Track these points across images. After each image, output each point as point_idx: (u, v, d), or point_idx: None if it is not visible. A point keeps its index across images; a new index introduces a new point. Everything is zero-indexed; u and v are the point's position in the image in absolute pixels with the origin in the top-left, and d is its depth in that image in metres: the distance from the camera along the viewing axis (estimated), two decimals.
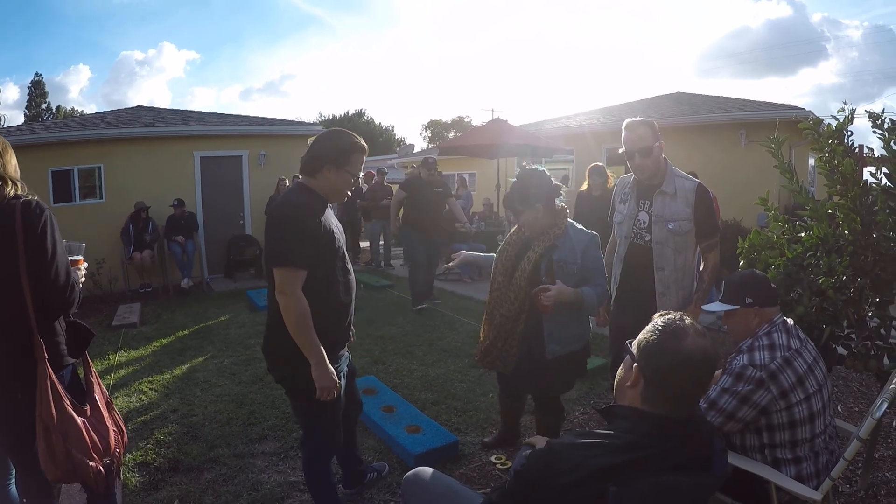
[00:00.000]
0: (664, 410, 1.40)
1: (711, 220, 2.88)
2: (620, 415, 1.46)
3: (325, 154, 2.30)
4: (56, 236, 1.98)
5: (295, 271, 2.16)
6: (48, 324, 2.03)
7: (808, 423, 2.09)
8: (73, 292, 2.02)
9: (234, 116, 11.89)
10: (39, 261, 1.93)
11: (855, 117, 2.84)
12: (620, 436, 1.38)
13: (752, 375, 2.10)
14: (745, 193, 8.05)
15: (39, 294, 1.95)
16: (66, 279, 1.99)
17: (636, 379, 1.43)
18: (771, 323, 2.25)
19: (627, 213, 2.99)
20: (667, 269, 2.87)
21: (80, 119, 13.02)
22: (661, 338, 1.42)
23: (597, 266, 2.78)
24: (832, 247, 2.76)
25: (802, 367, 2.12)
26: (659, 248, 2.86)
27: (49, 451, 1.95)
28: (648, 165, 2.82)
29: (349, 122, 44.67)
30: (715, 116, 10.12)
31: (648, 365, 1.42)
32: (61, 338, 2.09)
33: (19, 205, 1.94)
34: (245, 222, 10.54)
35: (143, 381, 4.76)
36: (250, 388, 4.52)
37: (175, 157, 9.85)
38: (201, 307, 7.85)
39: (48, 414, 1.95)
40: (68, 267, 2.03)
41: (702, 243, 2.89)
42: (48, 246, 1.94)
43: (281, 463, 3.35)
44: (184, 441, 3.63)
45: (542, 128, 13.02)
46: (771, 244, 2.95)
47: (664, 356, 1.40)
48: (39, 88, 42.72)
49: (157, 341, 6.10)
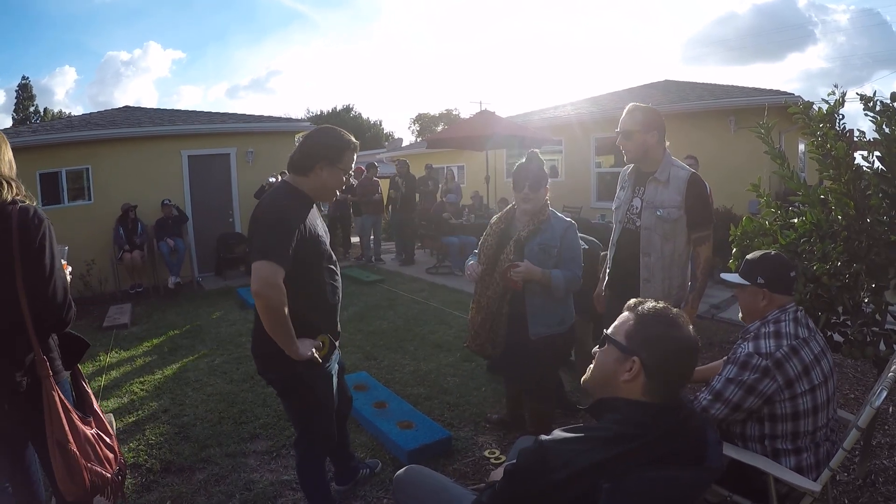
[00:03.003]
0: (660, 399, 1.37)
1: (703, 210, 2.83)
2: (610, 407, 1.42)
3: (318, 151, 2.26)
4: (54, 250, 1.86)
5: (276, 267, 2.08)
6: (44, 339, 1.92)
7: (811, 414, 2.05)
8: (69, 311, 1.92)
9: (221, 114, 11.77)
10: (36, 276, 1.81)
11: (845, 101, 2.82)
12: (609, 427, 1.35)
13: (757, 364, 2.03)
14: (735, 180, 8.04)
15: (34, 310, 1.83)
16: (64, 297, 1.88)
17: (636, 372, 1.38)
18: (782, 310, 2.17)
19: (624, 199, 3.02)
20: (652, 256, 2.86)
21: (66, 121, 12.86)
22: (663, 327, 1.39)
23: (571, 254, 2.96)
24: (826, 232, 2.73)
25: (809, 357, 2.06)
26: (647, 234, 2.86)
27: (68, 471, 1.85)
28: (630, 148, 2.88)
29: (337, 117, 44.41)
30: (704, 104, 10.04)
31: (653, 356, 1.37)
32: (55, 352, 1.97)
33: (16, 211, 1.80)
34: (234, 220, 10.46)
35: (135, 382, 4.71)
36: (241, 387, 4.48)
37: (163, 156, 9.74)
38: (192, 306, 7.79)
39: (61, 432, 1.84)
40: (65, 283, 1.91)
41: (692, 234, 2.86)
42: (46, 261, 1.82)
43: (273, 462, 3.31)
44: (175, 441, 3.59)
45: (530, 119, 12.95)
46: (764, 231, 2.93)
47: (669, 346, 1.37)
48: (27, 91, 42.20)
49: (148, 341, 6.04)
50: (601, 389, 1.47)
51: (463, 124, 11.95)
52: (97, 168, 9.27)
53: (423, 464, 3.03)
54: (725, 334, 5.49)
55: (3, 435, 1.96)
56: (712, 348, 5.07)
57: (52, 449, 1.83)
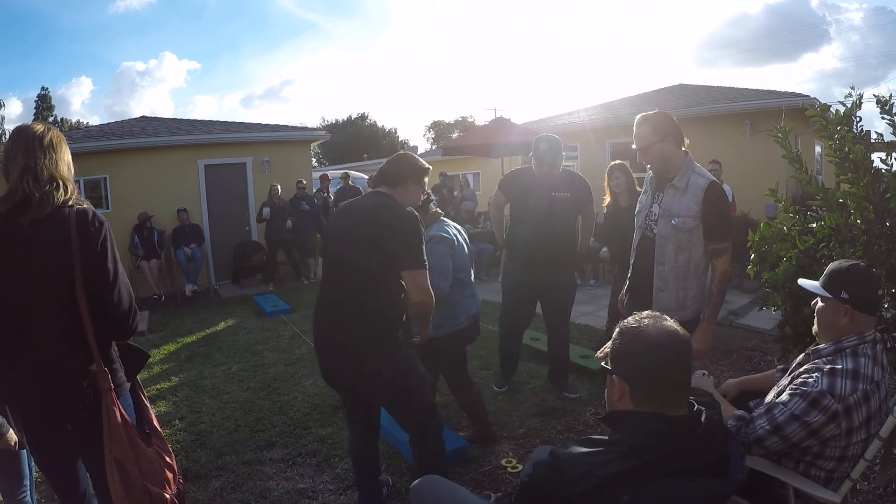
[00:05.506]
0: (660, 408, 1.36)
1: (720, 221, 2.68)
2: (621, 419, 1.42)
3: (408, 171, 2.63)
4: (116, 254, 1.77)
5: (427, 273, 2.43)
6: (106, 350, 1.82)
7: (856, 459, 1.93)
8: (136, 318, 1.83)
9: (236, 124, 11.91)
10: (100, 282, 1.72)
11: (862, 102, 2.78)
12: (625, 440, 1.33)
13: (828, 405, 1.83)
14: (751, 185, 7.96)
15: (98, 318, 1.74)
16: (130, 304, 1.80)
17: (620, 389, 1.41)
18: (861, 338, 1.94)
19: (645, 203, 2.96)
20: (667, 265, 2.78)
21: (84, 131, 13.08)
22: (624, 339, 1.43)
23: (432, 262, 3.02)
24: (845, 237, 2.69)
25: (875, 405, 1.89)
26: (661, 242, 2.79)
27: (127, 490, 1.75)
28: (650, 160, 2.80)
29: (352, 125, 44.58)
30: (718, 107, 9.94)
31: (624, 368, 1.41)
32: (118, 363, 1.87)
33: (73, 214, 1.72)
34: (251, 229, 10.55)
35: (152, 389, 4.74)
36: (258, 395, 4.50)
37: (179, 165, 9.89)
38: (209, 314, 7.86)
39: (121, 449, 1.75)
40: (130, 289, 1.82)
41: (709, 245, 2.72)
42: (109, 265, 1.73)
43: (289, 470, 3.31)
44: (192, 449, 3.62)
45: (545, 125, 12.91)
46: (782, 236, 2.89)
47: (634, 353, 1.40)
48: (46, 102, 43.01)
49: (165, 348, 6.12)
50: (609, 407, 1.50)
51: (477, 131, 11.96)
52: (115, 177, 9.43)
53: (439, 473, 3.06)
54: (744, 341, 5.40)
55: (57, 451, 1.88)
56: (731, 355, 5.00)
57: (109, 467, 1.74)
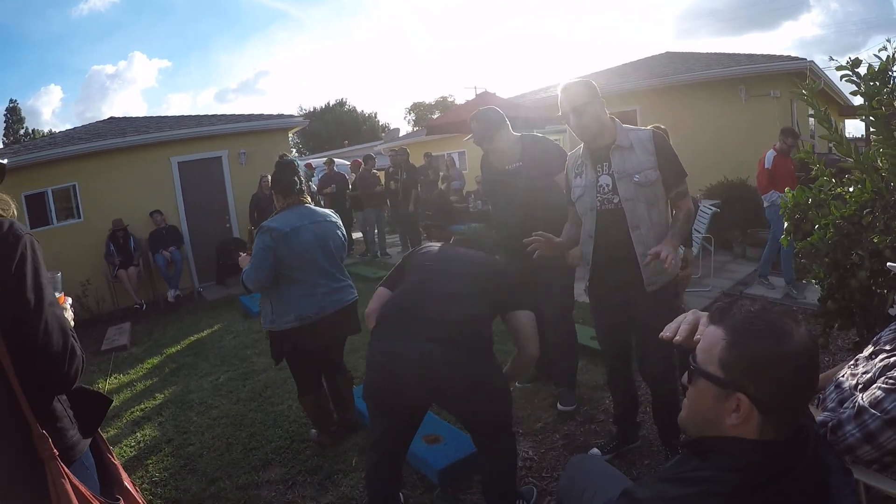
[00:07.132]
0: (783, 434, 1.05)
1: (676, 164, 2.66)
2: (717, 447, 1.08)
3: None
4: (41, 277, 1.34)
5: None
6: (45, 406, 1.39)
7: None
8: (73, 362, 1.37)
9: (208, 117, 11.39)
10: (15, 318, 1.28)
11: None
12: (724, 477, 1.01)
13: None
14: (747, 150, 7.76)
15: (23, 364, 1.31)
16: (65, 342, 1.35)
17: (747, 413, 1.03)
18: None
19: (587, 184, 2.72)
20: (643, 227, 2.60)
21: (49, 138, 12.52)
22: (771, 343, 1.02)
23: None
24: (888, 202, 2.44)
25: None
26: (630, 206, 2.59)
27: None
28: (586, 124, 2.62)
29: (331, 112, 43.91)
30: (712, 73, 9.62)
31: (763, 386, 1.01)
32: (66, 420, 1.45)
33: None
34: (232, 225, 10.13)
35: (136, 410, 4.45)
36: (249, 406, 4.20)
37: (152, 165, 9.39)
38: (193, 319, 7.52)
39: None
40: (63, 324, 1.37)
41: (671, 193, 2.65)
42: (28, 295, 1.29)
43: (289, 492, 3.03)
44: (181, 476, 3.32)
45: (528, 99, 12.60)
46: (818, 202, 2.62)
47: (783, 368, 1.01)
48: (16, 115, 41.97)
49: (148, 362, 5.78)
50: (705, 431, 1.12)
51: (462, 109, 11.58)
52: (84, 184, 8.93)
53: (455, 480, 2.90)
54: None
55: None
56: None
57: None
